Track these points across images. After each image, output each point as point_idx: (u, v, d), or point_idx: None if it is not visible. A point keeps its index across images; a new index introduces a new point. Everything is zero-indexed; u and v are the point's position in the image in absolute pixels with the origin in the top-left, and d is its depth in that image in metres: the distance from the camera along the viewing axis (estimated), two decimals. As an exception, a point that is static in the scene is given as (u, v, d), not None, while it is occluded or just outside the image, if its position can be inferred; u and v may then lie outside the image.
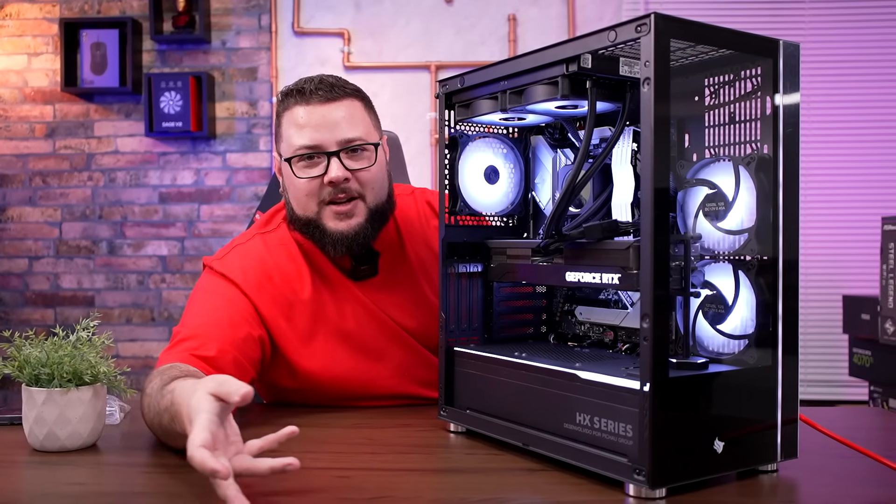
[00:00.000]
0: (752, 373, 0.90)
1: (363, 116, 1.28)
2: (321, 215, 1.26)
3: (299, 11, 3.59)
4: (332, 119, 1.24)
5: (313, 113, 1.24)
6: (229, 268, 1.28)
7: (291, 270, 1.30)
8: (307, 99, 1.25)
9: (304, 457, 1.02)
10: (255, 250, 1.31)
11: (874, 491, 0.89)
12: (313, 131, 1.24)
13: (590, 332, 1.14)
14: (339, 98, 1.26)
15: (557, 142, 1.15)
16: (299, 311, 1.28)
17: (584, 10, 3.54)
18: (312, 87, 1.25)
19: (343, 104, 1.26)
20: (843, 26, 3.44)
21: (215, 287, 1.27)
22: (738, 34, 0.88)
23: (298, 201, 1.27)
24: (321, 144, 1.24)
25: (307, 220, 1.27)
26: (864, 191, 3.43)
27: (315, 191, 1.25)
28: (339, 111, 1.25)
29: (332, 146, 1.24)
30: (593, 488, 0.87)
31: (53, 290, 3.68)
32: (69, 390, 1.02)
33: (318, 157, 1.24)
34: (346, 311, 1.31)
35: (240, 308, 1.24)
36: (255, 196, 3.61)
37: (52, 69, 3.65)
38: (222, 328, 1.19)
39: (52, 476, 0.95)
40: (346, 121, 1.25)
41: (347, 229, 1.25)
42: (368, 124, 1.29)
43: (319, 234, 1.27)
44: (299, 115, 1.25)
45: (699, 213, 0.94)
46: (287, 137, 1.27)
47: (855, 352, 2.85)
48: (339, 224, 1.25)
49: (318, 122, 1.24)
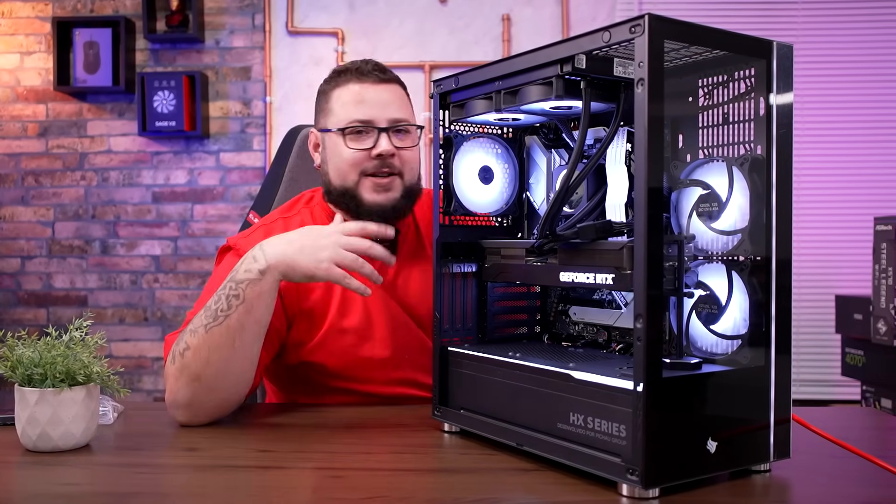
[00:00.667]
0: (745, 373, 0.90)
1: (407, 102, 1.40)
2: (359, 186, 1.34)
3: (293, 11, 3.59)
4: (384, 98, 1.34)
5: (369, 90, 1.34)
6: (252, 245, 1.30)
7: None
8: (364, 77, 1.35)
9: (297, 457, 1.02)
10: (278, 230, 1.36)
11: (867, 491, 0.89)
12: (369, 107, 1.33)
13: (584, 333, 1.15)
14: (391, 81, 1.37)
15: (552, 142, 1.15)
16: (314, 289, 1.34)
17: (578, 11, 3.55)
18: (369, 68, 1.36)
19: (393, 87, 1.37)
20: (836, 27, 3.45)
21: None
22: (732, 35, 0.89)
23: (339, 170, 1.34)
24: (373, 120, 1.32)
25: (344, 190, 1.35)
26: (856, 191, 3.44)
27: (360, 162, 1.33)
28: (390, 93, 1.36)
29: (383, 123, 1.33)
30: (587, 488, 0.87)
31: (46, 289, 3.67)
32: (62, 390, 1.01)
33: (367, 132, 1.33)
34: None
35: None
36: (248, 196, 3.60)
37: (45, 68, 3.64)
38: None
39: (44, 476, 0.95)
40: (396, 102, 1.35)
41: (385, 201, 1.33)
42: (411, 110, 1.40)
43: (355, 205, 1.34)
44: (355, 91, 1.35)
45: (693, 213, 0.95)
46: (339, 110, 1.35)
47: (847, 351, 2.86)
48: (377, 196, 1.33)
49: (373, 99, 1.33)
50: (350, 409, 1.29)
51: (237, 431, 1.14)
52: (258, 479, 0.92)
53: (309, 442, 1.09)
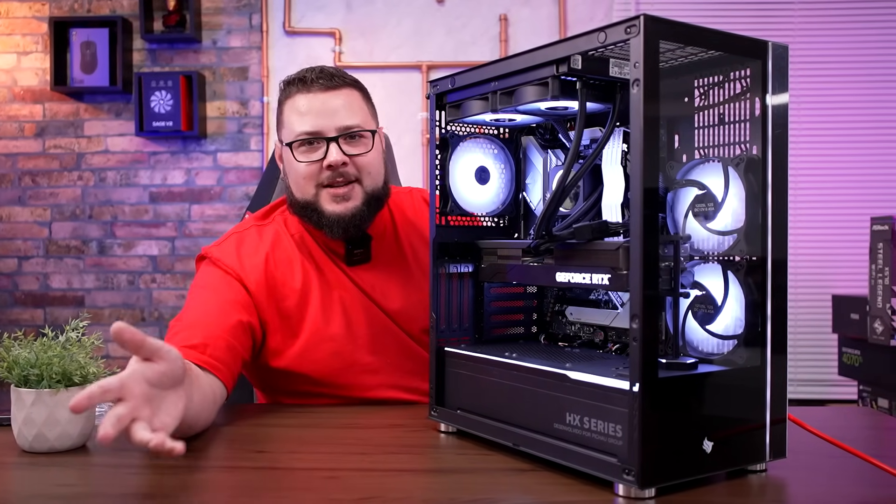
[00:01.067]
0: (741, 373, 0.90)
1: (361, 105, 1.34)
2: (318, 198, 1.31)
3: (290, 11, 3.59)
4: (331, 106, 1.30)
5: (314, 100, 1.30)
6: (226, 255, 1.34)
7: (284, 259, 1.35)
8: (308, 87, 1.31)
9: (293, 457, 1.02)
10: (251, 238, 1.38)
11: (863, 490, 0.89)
12: (314, 118, 1.30)
13: (580, 333, 1.15)
14: (339, 87, 1.32)
15: (548, 142, 1.15)
16: (290, 297, 1.33)
17: (576, 11, 3.55)
18: (314, 76, 1.32)
19: (342, 93, 1.32)
20: (832, 28, 3.46)
21: (211, 278, 1.32)
22: (728, 36, 0.89)
23: (297, 185, 1.33)
24: (321, 130, 1.29)
25: (305, 203, 1.32)
26: (853, 191, 3.45)
27: (314, 174, 1.30)
28: (338, 99, 1.31)
29: (332, 132, 1.29)
30: (583, 488, 0.87)
31: (43, 290, 3.67)
32: (58, 391, 1.01)
33: (317, 143, 1.30)
34: (333, 297, 1.35)
35: (234, 294, 1.29)
36: (245, 196, 3.60)
37: (42, 68, 3.63)
38: (216, 316, 1.24)
39: (41, 477, 0.95)
40: (345, 108, 1.31)
41: (344, 211, 1.30)
42: (366, 113, 1.35)
43: (317, 217, 1.32)
44: (301, 103, 1.31)
45: (689, 213, 0.95)
46: (289, 124, 1.33)
47: (844, 351, 2.86)
48: (336, 206, 1.31)
49: (318, 109, 1.30)
50: (345, 410, 1.29)
51: (233, 432, 1.14)
52: (254, 479, 0.92)
53: (305, 442, 1.09)
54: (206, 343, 1.17)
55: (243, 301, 1.29)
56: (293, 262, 1.35)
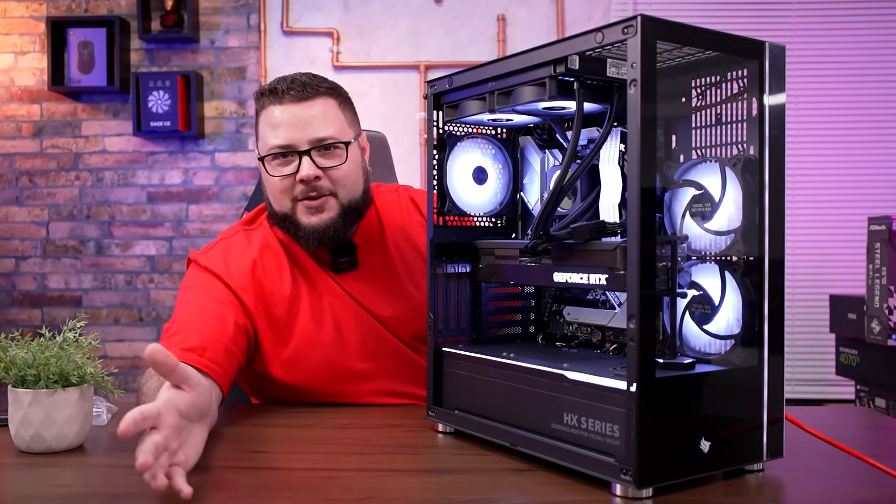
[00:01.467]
0: (738, 373, 0.90)
1: (336, 114, 1.30)
2: (295, 211, 1.30)
3: (288, 11, 3.58)
4: (303, 118, 1.27)
5: (286, 112, 1.27)
6: (213, 261, 1.33)
7: (272, 265, 1.34)
8: (280, 98, 1.28)
9: (291, 457, 1.02)
10: (238, 244, 1.36)
11: (860, 490, 0.89)
12: (285, 131, 1.27)
13: (577, 333, 1.15)
14: (312, 97, 1.28)
15: (545, 142, 1.15)
16: (279, 304, 1.32)
17: (573, 11, 3.55)
18: (285, 87, 1.28)
19: (316, 103, 1.28)
20: (829, 28, 3.46)
21: (200, 281, 1.31)
22: (725, 36, 0.89)
23: (274, 198, 1.32)
24: (293, 143, 1.27)
25: (283, 216, 1.31)
26: (850, 191, 3.45)
27: (288, 188, 1.29)
28: (311, 110, 1.27)
29: (304, 145, 1.27)
30: (580, 488, 0.87)
31: (40, 290, 3.66)
32: (56, 391, 1.01)
33: (290, 156, 1.28)
34: (323, 304, 1.34)
35: (225, 299, 1.28)
36: (243, 196, 3.60)
37: (39, 68, 3.63)
38: (210, 319, 1.23)
39: (38, 478, 0.95)
40: (319, 120, 1.28)
41: (319, 223, 1.29)
42: (342, 122, 1.31)
43: (294, 229, 1.31)
44: (273, 115, 1.28)
45: (686, 213, 0.95)
46: (262, 136, 1.31)
47: (841, 351, 2.87)
48: (311, 219, 1.29)
49: (290, 122, 1.27)
50: (344, 410, 1.29)
51: (231, 432, 1.14)
52: (251, 479, 0.92)
53: (302, 443, 1.09)
54: (205, 346, 1.17)
55: (235, 305, 1.28)
56: (282, 268, 1.34)
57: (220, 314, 1.25)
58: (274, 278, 1.33)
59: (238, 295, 1.29)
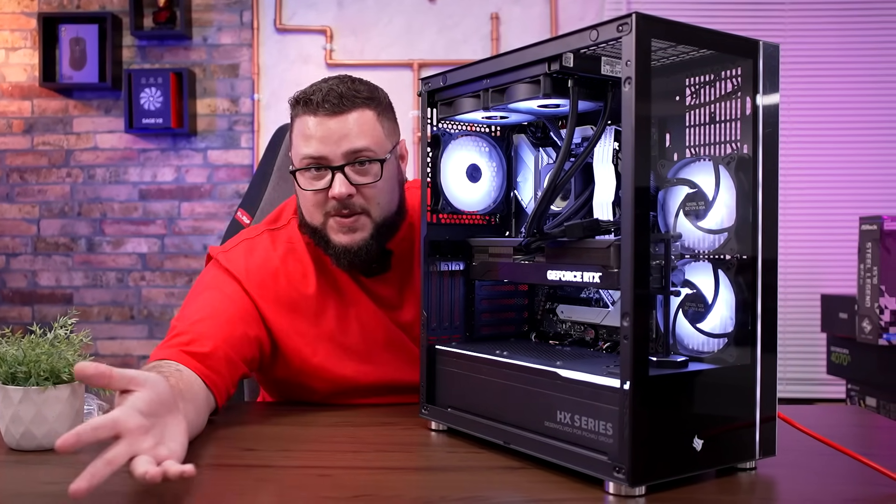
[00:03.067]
0: (731, 371, 0.90)
1: (374, 126, 1.24)
2: (326, 226, 1.25)
3: (281, 8, 3.58)
4: (338, 132, 1.21)
5: (320, 125, 1.21)
6: (234, 263, 1.28)
7: (297, 269, 1.30)
8: (314, 110, 1.22)
9: (284, 455, 1.02)
10: (262, 246, 1.31)
11: (852, 488, 0.90)
12: (319, 143, 1.21)
13: (571, 331, 1.15)
14: (348, 110, 1.22)
15: (539, 140, 1.15)
16: (303, 310, 1.28)
17: (567, 10, 3.55)
18: (320, 99, 1.22)
19: (352, 116, 1.22)
20: (823, 27, 3.47)
21: (217, 281, 1.27)
22: (719, 35, 0.89)
23: (306, 210, 1.27)
24: (326, 157, 1.21)
25: (314, 229, 1.27)
26: (842, 191, 3.46)
27: (321, 203, 1.24)
28: (346, 123, 1.22)
29: (338, 160, 1.21)
30: (573, 486, 0.87)
31: (31, 287, 3.64)
32: (46, 389, 1.01)
33: (323, 170, 1.23)
34: (349, 313, 1.30)
35: (239, 306, 1.23)
36: (236, 193, 3.59)
37: (31, 64, 3.61)
38: (219, 325, 1.19)
39: (28, 475, 0.94)
40: (354, 133, 1.22)
41: (350, 243, 1.24)
42: (379, 134, 1.25)
43: (325, 245, 1.26)
44: (307, 126, 1.23)
45: (680, 212, 0.95)
46: (295, 145, 1.26)
47: (833, 350, 2.88)
48: (342, 238, 1.24)
49: (323, 135, 1.21)
50: (336, 408, 1.28)
51: (223, 430, 1.14)
52: (243, 478, 0.92)
53: (295, 440, 1.09)
54: (206, 353, 1.14)
55: (250, 313, 1.24)
56: (307, 274, 1.30)
57: (231, 322, 1.20)
58: (298, 283, 1.29)
59: (256, 302, 1.25)
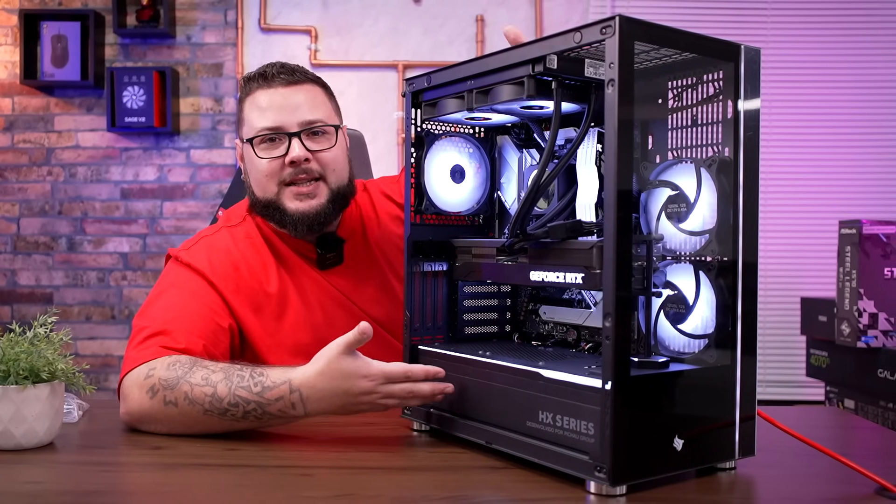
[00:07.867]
0: (711, 372, 0.91)
1: (324, 101, 1.33)
2: (280, 196, 1.29)
3: (266, 8, 3.56)
4: (293, 102, 1.28)
5: (275, 95, 1.29)
6: (196, 259, 1.29)
7: (257, 262, 1.32)
8: (269, 83, 1.29)
9: (264, 455, 1.02)
10: (221, 242, 1.33)
11: (830, 487, 0.91)
12: (275, 113, 1.28)
13: (553, 332, 1.15)
14: (301, 82, 1.31)
15: (523, 142, 1.16)
16: (266, 302, 1.29)
17: (552, 13, 3.57)
18: (274, 72, 1.30)
19: (304, 88, 1.31)
20: (804, 33, 3.51)
21: (182, 279, 1.27)
22: (701, 38, 0.90)
23: (259, 183, 1.30)
24: (282, 126, 1.27)
25: (267, 202, 1.30)
26: (822, 195, 3.50)
27: (276, 171, 1.28)
28: (299, 94, 1.30)
29: (293, 127, 1.28)
30: (555, 486, 0.88)
31: (10, 286, 3.61)
32: (25, 387, 1.00)
33: (279, 139, 1.28)
34: (312, 302, 1.32)
35: (208, 299, 1.25)
36: (219, 193, 3.57)
37: (12, 61, 3.57)
38: (191, 320, 1.20)
39: (7, 475, 0.93)
40: (307, 104, 1.29)
41: (308, 209, 1.28)
42: (329, 109, 1.34)
43: (280, 215, 1.29)
44: (262, 99, 1.29)
45: (662, 214, 0.96)
46: (249, 121, 1.30)
47: (812, 353, 2.90)
48: (300, 205, 1.28)
49: (279, 105, 1.28)
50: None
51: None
52: (224, 477, 0.92)
53: (276, 440, 1.09)
54: (186, 348, 1.14)
55: (219, 304, 1.25)
56: (267, 266, 1.32)
57: (203, 315, 1.21)
58: (260, 276, 1.30)
59: (223, 294, 1.26)
